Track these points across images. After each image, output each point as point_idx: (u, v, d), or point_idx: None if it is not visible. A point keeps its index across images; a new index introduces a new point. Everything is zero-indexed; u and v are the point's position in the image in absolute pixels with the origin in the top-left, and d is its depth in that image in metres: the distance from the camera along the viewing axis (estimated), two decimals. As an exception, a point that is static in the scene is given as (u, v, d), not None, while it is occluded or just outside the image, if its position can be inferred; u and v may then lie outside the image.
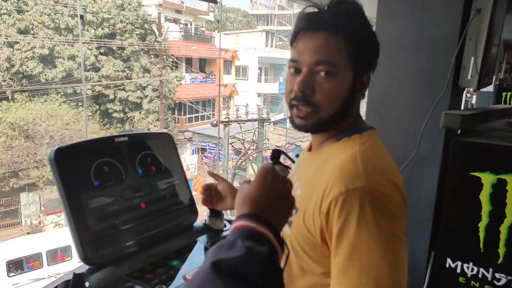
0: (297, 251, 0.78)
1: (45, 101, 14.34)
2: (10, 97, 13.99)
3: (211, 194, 1.15)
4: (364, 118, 0.87)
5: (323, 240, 0.72)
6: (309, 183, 0.78)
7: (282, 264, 0.83)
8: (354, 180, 0.68)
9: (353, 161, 0.71)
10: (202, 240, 1.25)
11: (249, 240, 0.50)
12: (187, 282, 0.46)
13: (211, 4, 20.96)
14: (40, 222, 12.60)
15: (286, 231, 0.80)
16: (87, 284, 0.92)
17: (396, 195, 0.70)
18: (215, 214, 1.35)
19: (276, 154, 0.71)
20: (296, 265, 0.79)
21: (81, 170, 1.07)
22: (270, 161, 0.69)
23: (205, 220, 1.37)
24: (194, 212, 1.35)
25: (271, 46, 24.00)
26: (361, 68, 0.77)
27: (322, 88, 0.74)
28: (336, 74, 0.74)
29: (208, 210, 1.36)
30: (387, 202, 0.68)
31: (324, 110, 0.76)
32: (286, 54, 22.01)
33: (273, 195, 0.60)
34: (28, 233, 12.36)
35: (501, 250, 1.16)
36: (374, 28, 0.80)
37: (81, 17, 12.76)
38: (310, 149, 0.89)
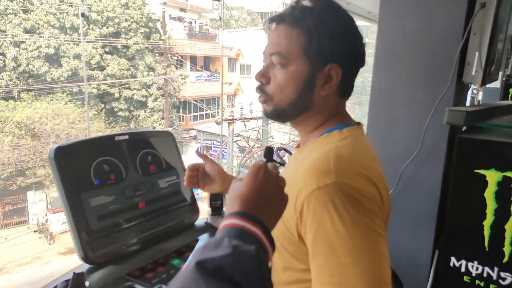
0: (277, 247, 0.77)
1: (51, 100, 14.44)
2: (16, 96, 14.12)
3: (198, 175, 1.09)
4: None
5: (300, 237, 0.71)
6: (287, 179, 0.77)
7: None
8: (324, 177, 0.67)
9: (326, 157, 0.70)
10: (203, 239, 1.24)
11: (236, 238, 0.48)
12: (170, 281, 0.44)
13: (215, 2, 20.95)
14: (46, 221, 12.72)
15: None
16: (87, 283, 0.92)
17: (371, 190, 0.68)
18: (217, 212, 1.34)
19: (269, 151, 0.70)
20: (277, 260, 0.79)
21: (81, 169, 1.07)
22: (263, 159, 0.68)
23: (206, 219, 1.36)
24: (196, 211, 1.34)
25: (276, 43, 23.89)
26: (318, 61, 0.75)
27: (275, 78, 0.78)
28: (286, 65, 0.76)
29: (210, 209, 1.36)
30: (361, 197, 0.66)
31: (276, 99, 0.79)
32: (290, 52, 21.82)
33: (264, 193, 0.59)
34: (35, 231, 12.48)
35: (507, 249, 1.15)
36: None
37: (83, 15, 12.74)
38: (299, 145, 0.90)
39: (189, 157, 16.18)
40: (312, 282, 0.68)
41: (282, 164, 0.87)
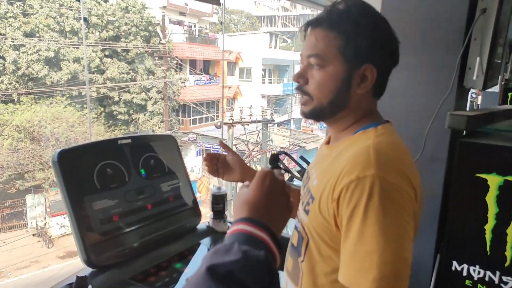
0: (315, 239, 0.81)
1: (51, 103, 14.42)
2: (16, 100, 14.10)
3: (218, 164, 1.17)
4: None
5: (337, 227, 0.75)
6: (324, 173, 0.81)
7: (302, 252, 0.84)
8: (365, 168, 0.70)
9: (366, 151, 0.73)
10: (205, 243, 1.24)
11: (246, 244, 0.49)
12: (182, 286, 0.45)
13: (215, 6, 21.02)
14: (45, 224, 12.67)
15: (304, 220, 0.84)
16: (90, 287, 0.92)
17: (406, 186, 0.71)
18: (219, 216, 1.35)
19: (275, 158, 0.71)
20: (316, 252, 0.82)
21: (84, 173, 1.08)
22: (269, 165, 0.69)
23: (208, 222, 1.36)
24: (198, 214, 1.34)
25: (275, 47, 23.99)
26: (354, 61, 0.79)
27: (314, 79, 0.82)
28: (324, 66, 0.80)
29: (211, 213, 1.36)
30: (395, 192, 0.69)
31: (316, 99, 0.83)
32: (290, 55, 22.00)
33: (271, 199, 0.61)
34: (33, 235, 12.43)
35: (508, 253, 1.15)
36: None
37: (85, 19, 12.80)
38: (328, 142, 0.94)
39: (189, 161, 16.18)
40: (340, 264, 0.72)
41: (287, 170, 0.88)
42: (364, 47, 0.78)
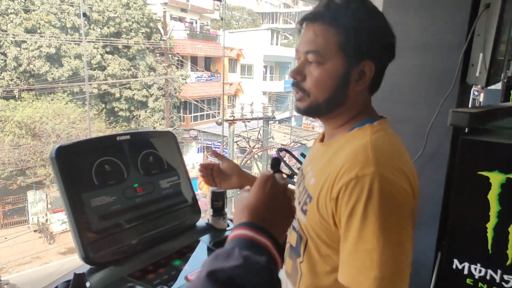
0: (314, 239, 0.80)
1: (52, 100, 14.45)
2: (17, 96, 14.12)
3: (213, 174, 1.15)
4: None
5: (336, 226, 0.74)
6: (322, 172, 0.80)
7: (301, 252, 0.83)
8: (364, 166, 0.69)
9: (364, 149, 0.72)
10: (205, 240, 1.23)
11: (246, 249, 0.49)
12: None
13: (216, 2, 20.96)
14: (47, 220, 12.72)
15: (302, 219, 0.83)
16: (88, 284, 0.91)
17: (404, 184, 0.71)
18: (218, 213, 1.34)
19: (276, 162, 0.70)
20: (315, 252, 0.81)
21: (82, 169, 1.07)
22: (270, 170, 0.68)
23: (208, 219, 1.36)
24: (197, 211, 1.34)
25: (276, 44, 23.93)
26: (354, 58, 0.77)
27: (312, 76, 0.80)
28: (323, 63, 0.78)
29: (211, 210, 1.35)
30: (394, 190, 0.69)
31: (314, 96, 0.81)
32: (291, 52, 21.94)
33: (273, 203, 0.60)
34: (35, 231, 12.48)
35: (510, 252, 1.14)
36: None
37: (84, 14, 12.70)
38: (322, 139, 0.92)
39: (190, 158, 16.19)
40: (340, 264, 0.71)
41: (290, 176, 0.87)
42: (364, 43, 0.76)
